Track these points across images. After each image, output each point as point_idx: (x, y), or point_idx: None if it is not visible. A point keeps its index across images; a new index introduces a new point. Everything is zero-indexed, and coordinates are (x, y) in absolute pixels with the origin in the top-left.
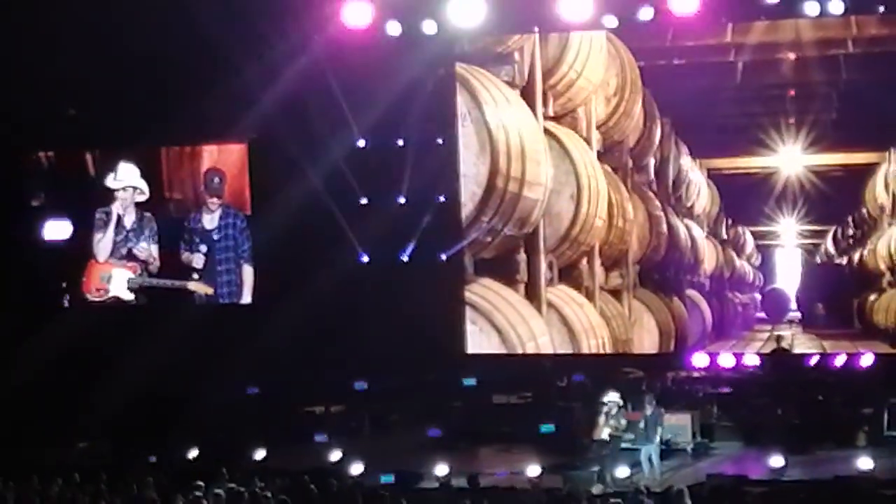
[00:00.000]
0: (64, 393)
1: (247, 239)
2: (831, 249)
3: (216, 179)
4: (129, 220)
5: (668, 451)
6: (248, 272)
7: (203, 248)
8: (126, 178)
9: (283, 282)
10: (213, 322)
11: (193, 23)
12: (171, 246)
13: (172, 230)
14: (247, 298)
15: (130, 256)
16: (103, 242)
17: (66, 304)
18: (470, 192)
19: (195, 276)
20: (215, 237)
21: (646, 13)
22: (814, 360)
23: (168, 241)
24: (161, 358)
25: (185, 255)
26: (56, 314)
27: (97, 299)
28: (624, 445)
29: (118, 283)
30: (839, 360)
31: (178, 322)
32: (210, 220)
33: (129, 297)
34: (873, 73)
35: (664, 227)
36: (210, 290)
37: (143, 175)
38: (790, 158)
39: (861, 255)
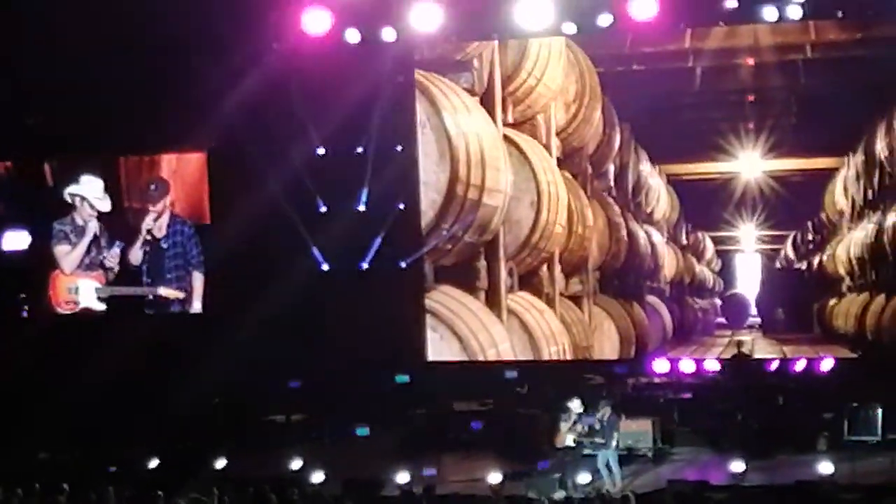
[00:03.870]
0: (24, 403)
1: (195, 246)
2: (791, 254)
3: (152, 187)
4: (95, 230)
5: (629, 457)
6: (198, 279)
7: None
8: (88, 190)
9: (244, 290)
10: (170, 330)
11: (152, 32)
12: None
13: (130, 238)
14: (196, 306)
15: (93, 266)
16: (73, 255)
17: (26, 314)
18: (430, 199)
19: (146, 279)
20: (164, 245)
21: (605, 19)
22: (774, 366)
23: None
24: (120, 367)
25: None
26: (15, 325)
27: (67, 312)
28: (585, 452)
29: (86, 293)
30: (799, 365)
31: (135, 330)
32: (158, 229)
33: (101, 307)
34: (832, 78)
35: (624, 234)
36: (181, 295)
37: (104, 184)
38: (749, 164)
39: (821, 260)
